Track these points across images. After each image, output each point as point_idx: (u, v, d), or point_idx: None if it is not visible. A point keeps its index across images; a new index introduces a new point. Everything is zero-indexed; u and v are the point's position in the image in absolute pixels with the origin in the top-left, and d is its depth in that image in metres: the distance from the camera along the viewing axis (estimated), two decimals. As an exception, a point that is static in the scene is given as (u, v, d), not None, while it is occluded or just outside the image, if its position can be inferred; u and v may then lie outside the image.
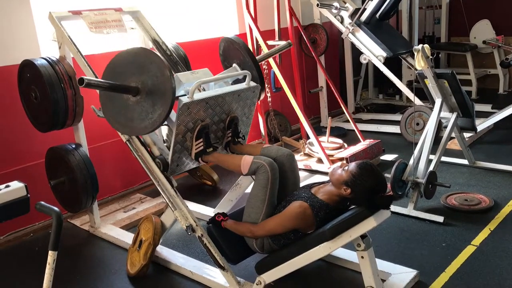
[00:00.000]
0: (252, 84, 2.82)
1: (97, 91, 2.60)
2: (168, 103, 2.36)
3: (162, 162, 2.71)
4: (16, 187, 1.83)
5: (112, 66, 2.57)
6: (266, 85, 4.89)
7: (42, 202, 1.80)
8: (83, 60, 2.95)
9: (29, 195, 1.86)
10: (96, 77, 2.90)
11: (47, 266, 1.74)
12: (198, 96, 2.56)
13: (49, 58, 3.04)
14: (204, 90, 2.92)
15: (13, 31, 3.41)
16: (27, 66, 3.02)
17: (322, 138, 4.55)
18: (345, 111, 4.96)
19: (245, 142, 2.96)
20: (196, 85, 2.52)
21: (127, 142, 2.78)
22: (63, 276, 2.91)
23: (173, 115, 2.56)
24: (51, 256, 1.73)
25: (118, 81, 2.48)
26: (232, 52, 3.00)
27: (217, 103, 2.67)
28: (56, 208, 1.74)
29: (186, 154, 2.71)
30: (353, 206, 2.44)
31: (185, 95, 2.63)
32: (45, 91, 2.93)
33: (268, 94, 4.94)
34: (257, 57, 2.99)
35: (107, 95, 2.57)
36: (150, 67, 2.41)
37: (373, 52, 4.71)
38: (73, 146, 3.23)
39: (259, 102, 4.07)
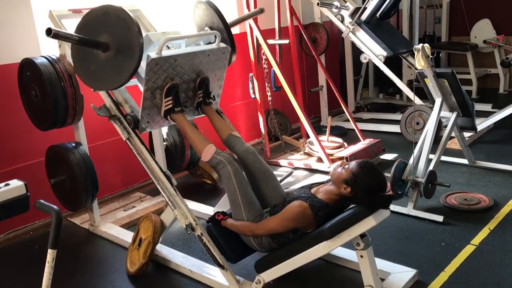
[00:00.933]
0: (222, 45, 2.84)
1: (67, 43, 2.69)
2: (136, 58, 2.42)
3: (133, 118, 2.76)
4: (15, 185, 1.84)
5: (83, 22, 2.63)
6: (266, 84, 4.90)
7: (42, 201, 1.80)
8: (83, 58, 2.95)
9: (28, 194, 1.86)
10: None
11: (47, 265, 1.74)
12: (166, 53, 2.61)
13: (49, 56, 3.04)
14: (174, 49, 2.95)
15: (13, 30, 3.41)
16: (27, 64, 3.02)
17: (322, 137, 4.55)
18: (345, 110, 4.96)
19: (217, 104, 3.03)
20: (163, 41, 2.55)
21: (126, 140, 2.78)
22: (63, 275, 2.91)
23: (144, 72, 2.61)
24: (51, 254, 1.73)
25: (88, 36, 2.53)
26: (204, 17, 3.01)
27: (186, 61, 2.70)
28: (55, 207, 1.74)
29: (156, 112, 2.74)
30: (353, 205, 2.44)
31: None
32: (45, 89, 2.93)
33: (268, 93, 4.94)
34: (228, 22, 3.00)
35: (79, 51, 2.63)
36: (119, 23, 2.47)
37: (373, 51, 4.70)
38: (73, 144, 3.23)
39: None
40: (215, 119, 2.89)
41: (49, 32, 2.29)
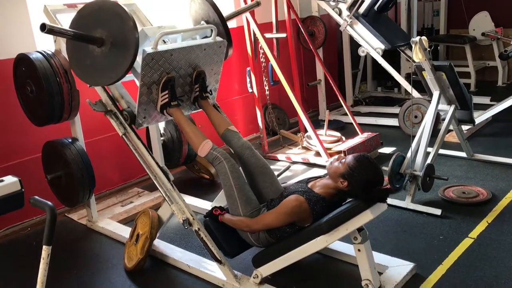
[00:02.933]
0: (218, 39, 2.83)
1: (63, 39, 2.67)
2: (132, 53, 2.41)
3: (129, 114, 2.75)
4: (10, 181, 1.82)
5: (78, 17, 2.61)
6: (264, 78, 4.89)
7: (36, 197, 1.78)
8: (78, 53, 2.93)
9: (23, 190, 1.85)
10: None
11: (41, 261, 1.73)
12: (162, 47, 2.59)
13: (45, 51, 3.02)
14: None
15: (8, 25, 3.39)
16: (22, 60, 3.00)
17: (320, 131, 4.54)
18: (343, 104, 4.94)
19: (214, 99, 3.01)
20: (159, 36, 2.53)
21: (123, 136, 2.77)
22: (60, 270, 2.91)
23: (139, 67, 2.59)
24: (45, 251, 1.72)
25: (83, 32, 2.52)
26: (199, 11, 2.99)
27: (183, 56, 2.68)
28: (49, 203, 1.73)
29: (152, 107, 2.73)
30: (350, 199, 2.44)
31: None
32: (41, 85, 2.92)
33: (266, 88, 4.92)
34: (225, 15, 2.98)
35: (74, 46, 2.61)
36: (114, 18, 2.45)
37: (371, 44, 4.70)
38: (70, 140, 3.22)
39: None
40: (212, 113, 2.87)
41: (43, 27, 2.28)
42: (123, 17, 2.43)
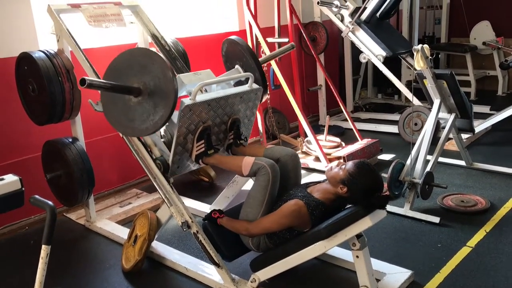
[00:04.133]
0: (255, 86, 2.80)
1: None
2: (170, 105, 2.34)
3: (162, 163, 2.68)
4: (10, 180, 1.82)
5: (114, 66, 2.54)
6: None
7: (37, 196, 1.79)
8: (81, 53, 2.94)
9: (23, 189, 1.85)
10: (94, 71, 2.89)
11: (40, 261, 1.73)
12: (200, 98, 2.53)
13: (47, 51, 3.02)
14: (206, 91, 2.90)
15: (12, 23, 3.39)
16: (25, 58, 3.00)
17: (320, 137, 4.54)
18: (343, 110, 4.95)
19: (247, 144, 2.92)
20: (198, 87, 2.49)
21: (123, 136, 2.77)
22: (58, 270, 2.91)
23: (175, 116, 2.53)
24: (44, 250, 1.72)
25: (119, 81, 2.46)
26: (234, 53, 2.99)
27: (219, 105, 2.64)
28: (50, 202, 1.73)
29: (187, 156, 2.68)
30: (349, 205, 2.44)
31: (187, 96, 2.61)
32: (43, 84, 2.92)
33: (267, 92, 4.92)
34: (260, 59, 2.98)
35: (109, 95, 2.54)
36: (152, 67, 2.39)
37: (372, 51, 4.71)
38: (70, 140, 3.22)
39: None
40: (247, 151, 2.78)
41: (83, 82, 2.20)
42: (161, 67, 2.36)
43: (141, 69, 2.42)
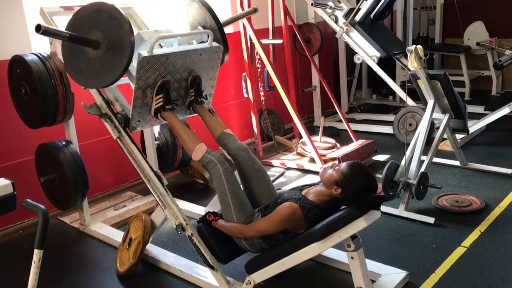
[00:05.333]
0: (215, 44, 2.83)
1: (58, 41, 2.69)
2: (127, 56, 2.40)
3: (123, 117, 2.74)
4: (2, 184, 1.81)
5: (74, 20, 2.60)
6: (259, 84, 4.89)
7: (29, 200, 1.77)
8: (74, 56, 2.93)
9: (15, 193, 1.84)
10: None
11: (33, 265, 1.72)
12: (158, 51, 2.58)
13: (40, 54, 3.01)
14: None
15: (4, 26, 3.38)
16: (17, 61, 2.99)
17: (315, 138, 4.54)
18: (338, 111, 4.95)
19: (209, 104, 3.00)
20: (155, 39, 2.52)
21: (117, 139, 2.76)
22: (52, 274, 2.89)
23: (134, 70, 2.59)
24: (37, 254, 1.71)
25: (79, 34, 2.51)
26: (197, 16, 2.99)
27: (178, 60, 2.68)
28: (42, 206, 1.72)
29: (147, 110, 2.72)
30: (344, 207, 2.44)
31: None
32: (36, 87, 2.90)
33: (262, 93, 4.93)
34: (222, 21, 2.98)
35: (69, 48, 2.61)
36: (110, 21, 2.45)
37: (367, 52, 4.71)
38: (64, 143, 3.21)
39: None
40: (207, 117, 2.87)
41: (38, 28, 2.27)
42: (119, 20, 2.43)
43: (100, 22, 2.49)
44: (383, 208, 3.28)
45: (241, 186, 2.67)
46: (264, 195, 2.64)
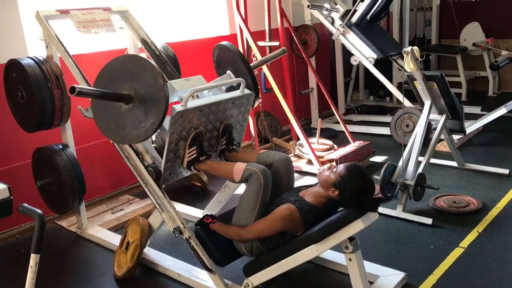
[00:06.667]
0: (247, 91, 2.79)
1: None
2: (161, 111, 2.32)
3: (154, 170, 2.66)
4: (-2, 188, 1.81)
5: (104, 73, 2.52)
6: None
7: (25, 204, 1.77)
8: (70, 59, 2.92)
9: (12, 197, 1.83)
10: (84, 77, 2.87)
11: (29, 270, 1.71)
12: (191, 104, 2.52)
13: (36, 57, 3.00)
14: (197, 97, 2.87)
15: (0, 30, 3.37)
16: (13, 65, 2.98)
17: (312, 140, 4.54)
18: (335, 112, 4.96)
19: (239, 150, 2.91)
20: (189, 93, 2.48)
21: (114, 143, 2.75)
22: (50, 278, 2.88)
23: (166, 122, 2.51)
24: (34, 259, 1.70)
25: (110, 88, 2.43)
26: (226, 59, 2.99)
27: (211, 110, 2.63)
28: (39, 210, 1.72)
29: (179, 163, 2.67)
30: (341, 208, 2.44)
31: (178, 102, 2.60)
32: (32, 91, 2.90)
33: (259, 95, 4.92)
34: (251, 64, 2.97)
35: (99, 102, 2.52)
36: (143, 74, 2.37)
37: (363, 53, 4.73)
38: (60, 146, 3.20)
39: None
40: (239, 155, 2.78)
41: (73, 90, 2.17)
42: (152, 73, 2.34)
43: (132, 76, 2.40)
44: (381, 209, 3.28)
45: None
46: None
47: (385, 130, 5.20)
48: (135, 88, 2.39)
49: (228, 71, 2.99)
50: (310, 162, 4.38)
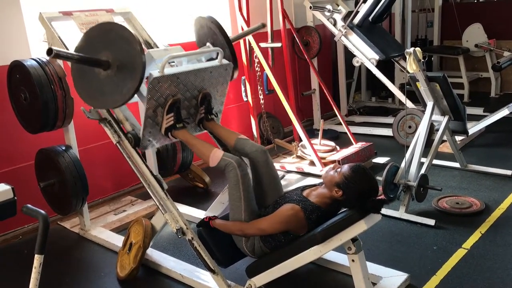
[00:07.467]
0: (225, 61, 2.82)
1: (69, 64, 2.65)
2: (138, 77, 2.38)
3: (134, 137, 2.72)
4: (2, 189, 1.82)
5: (84, 40, 2.59)
6: (259, 87, 4.89)
7: (29, 205, 1.77)
8: (73, 61, 2.93)
9: (16, 198, 1.84)
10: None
11: (33, 270, 1.71)
12: (168, 71, 2.57)
13: (39, 59, 3.01)
14: (176, 66, 2.89)
15: (3, 32, 3.38)
16: (17, 67, 2.99)
17: (314, 141, 4.54)
18: (337, 113, 4.96)
19: (218, 120, 2.97)
20: (166, 59, 2.52)
21: (117, 144, 2.76)
22: (53, 279, 2.89)
23: (145, 90, 2.57)
24: (37, 260, 1.71)
25: (89, 54, 2.50)
26: (206, 31, 2.99)
27: (189, 79, 2.67)
28: (42, 211, 1.72)
29: (157, 130, 2.71)
30: (344, 209, 2.44)
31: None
32: (35, 92, 2.91)
33: (261, 96, 4.93)
34: (230, 37, 2.98)
35: (79, 69, 2.59)
36: (121, 42, 2.43)
37: (365, 55, 4.73)
38: (63, 147, 3.21)
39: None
40: (219, 130, 2.83)
41: (50, 52, 2.23)
42: (130, 40, 2.40)
43: (110, 42, 2.47)
44: (384, 210, 3.27)
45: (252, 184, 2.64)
46: (273, 195, 2.63)
47: (388, 131, 5.19)
48: (113, 54, 2.47)
49: (208, 43, 2.99)
50: (312, 163, 4.37)
